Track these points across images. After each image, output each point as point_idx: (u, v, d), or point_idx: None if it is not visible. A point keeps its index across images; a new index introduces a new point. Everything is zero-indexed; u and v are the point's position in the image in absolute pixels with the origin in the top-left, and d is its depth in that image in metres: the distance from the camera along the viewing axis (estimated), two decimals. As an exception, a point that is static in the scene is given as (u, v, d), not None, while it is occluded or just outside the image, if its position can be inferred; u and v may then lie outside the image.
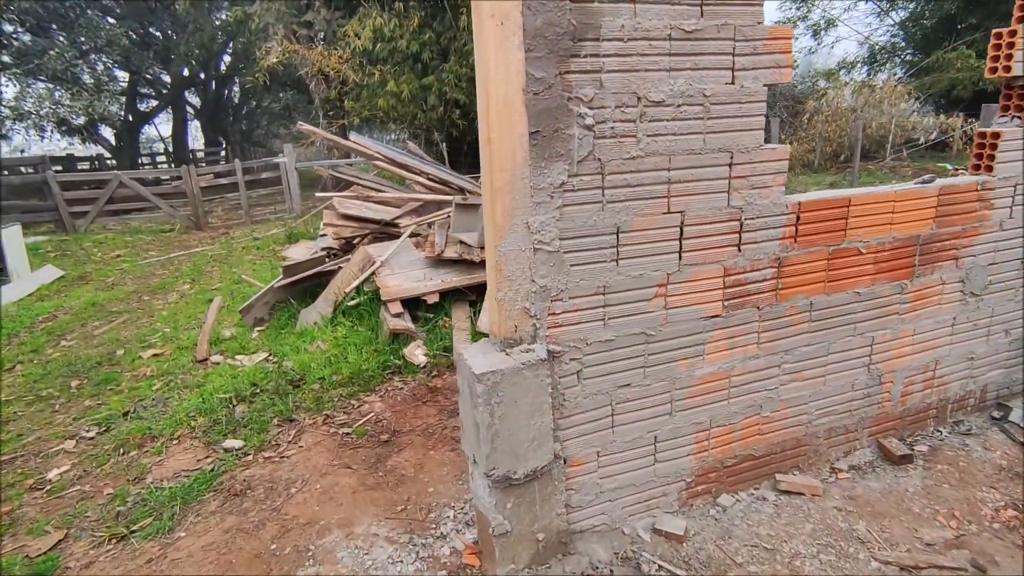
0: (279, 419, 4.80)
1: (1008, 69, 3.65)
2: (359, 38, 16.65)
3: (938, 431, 4.04)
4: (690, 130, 2.89)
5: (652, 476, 3.31)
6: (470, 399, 2.81)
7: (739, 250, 3.15)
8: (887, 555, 2.99)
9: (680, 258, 3.04)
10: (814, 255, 3.35)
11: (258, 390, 5.24)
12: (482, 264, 6.70)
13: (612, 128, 2.74)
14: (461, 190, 8.58)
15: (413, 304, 6.38)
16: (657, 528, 3.26)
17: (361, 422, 4.72)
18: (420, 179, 8.70)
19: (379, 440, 4.44)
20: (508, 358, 2.75)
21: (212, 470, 4.13)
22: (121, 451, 4.47)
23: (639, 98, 2.75)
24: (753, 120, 3.00)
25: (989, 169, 3.76)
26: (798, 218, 3.23)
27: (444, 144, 17.47)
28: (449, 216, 7.51)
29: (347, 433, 4.55)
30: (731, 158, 2.99)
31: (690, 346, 3.20)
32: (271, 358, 6.02)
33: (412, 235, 7.31)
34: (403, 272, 6.64)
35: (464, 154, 18.70)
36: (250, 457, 4.28)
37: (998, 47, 3.70)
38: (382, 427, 4.63)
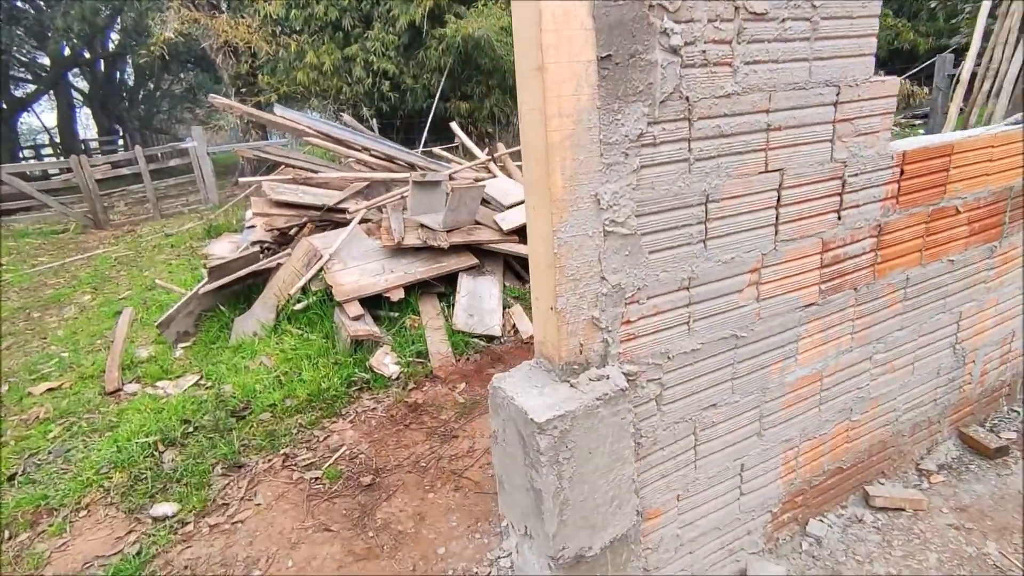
0: (224, 466, 3.76)
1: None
2: (269, 4, 14.91)
3: (1014, 411, 3.55)
4: (794, 55, 2.09)
5: (737, 513, 2.59)
6: (523, 455, 1.95)
7: (839, 218, 2.43)
8: (1039, 587, 2.41)
9: (776, 232, 2.27)
10: (914, 218, 2.68)
11: (191, 428, 4.15)
12: (451, 251, 5.77)
13: (703, 53, 1.90)
14: (412, 166, 7.53)
15: (373, 303, 5.39)
16: (751, 580, 2.55)
17: (332, 460, 3.75)
18: (362, 156, 7.58)
19: (360, 484, 3.50)
20: (575, 392, 1.90)
21: (139, 553, 3.08)
22: (6, 536, 3.32)
23: (736, 8, 1.92)
24: (865, 42, 2.24)
25: (1072, 105, 3.20)
26: (901, 172, 2.54)
27: (375, 120, 16.10)
28: (404, 197, 6.49)
29: (316, 478, 3.59)
30: (837, 94, 2.23)
31: (782, 346, 2.46)
32: (204, 382, 4.89)
33: (362, 221, 6.25)
34: (357, 265, 5.60)
35: (397, 130, 17.37)
36: (190, 527, 3.25)
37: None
38: (360, 465, 3.69)
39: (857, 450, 2.94)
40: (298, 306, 5.46)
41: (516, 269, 6.20)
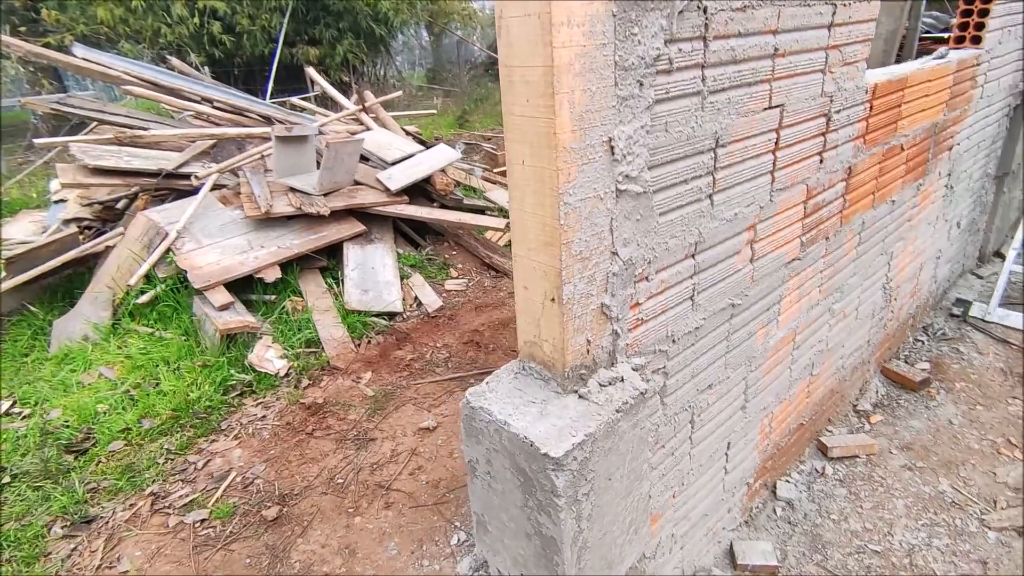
0: (65, 523, 2.85)
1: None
2: (47, -83, 11.99)
3: (919, 341, 3.73)
4: (802, -39, 1.72)
5: (721, 495, 2.35)
6: (522, 495, 1.47)
7: (821, 161, 2.17)
8: (998, 520, 2.47)
9: (772, 181, 1.95)
10: (873, 159, 2.52)
11: (7, 477, 3.13)
12: (331, 218, 4.95)
13: (721, -53, 1.45)
14: (268, 119, 6.39)
15: (242, 286, 4.48)
16: (741, 563, 2.34)
17: (219, 493, 3.00)
18: (203, 108, 6.27)
19: (263, 520, 2.82)
20: (588, 406, 1.45)
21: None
22: None
23: None
24: (859, -49, 1.92)
25: (976, 41, 3.25)
26: (871, 108, 2.33)
27: (207, 68, 13.87)
28: (264, 156, 5.47)
29: (202, 520, 2.83)
30: (833, 13, 1.91)
31: (768, 308, 2.20)
32: (19, 410, 3.75)
33: (214, 188, 5.15)
34: (215, 243, 4.61)
35: (234, 79, 15.17)
36: (26, 622, 2.39)
37: None
38: (259, 494, 2.99)
39: (814, 403, 2.85)
40: (142, 298, 4.38)
41: (408, 233, 5.53)
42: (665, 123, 1.47)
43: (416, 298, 4.81)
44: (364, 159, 5.72)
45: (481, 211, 5.94)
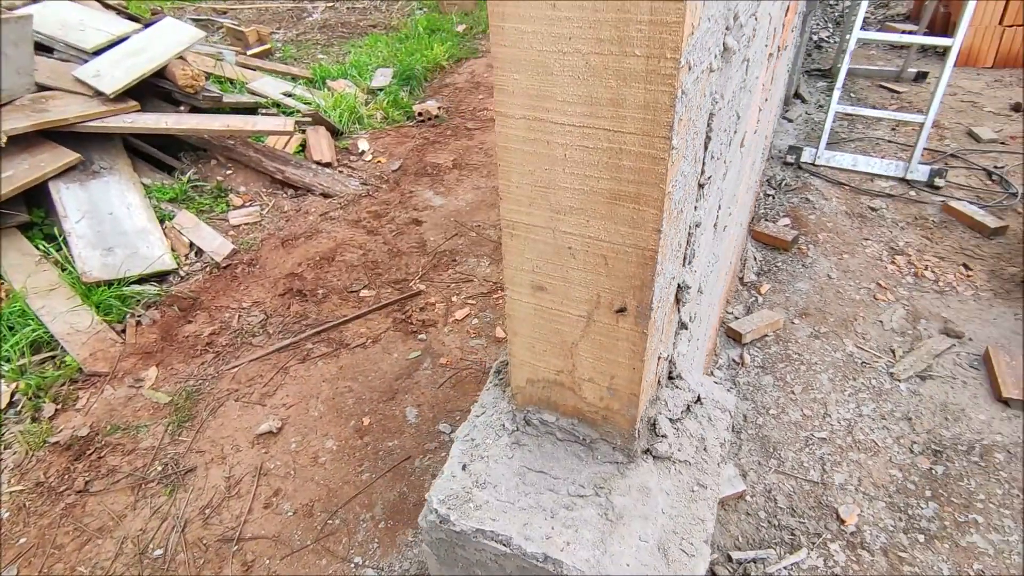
0: None
1: None
2: None
3: (768, 195, 3.69)
4: None
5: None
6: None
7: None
8: (904, 369, 2.49)
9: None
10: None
11: None
12: (17, 147, 3.24)
13: None
14: None
15: None
16: (712, 500, 2.03)
17: (-58, 642, 1.82)
18: None
19: (40, 662, 1.77)
20: (677, 474, 0.80)
21: None
22: None
23: None
24: None
25: None
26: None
27: None
28: None
29: None
30: None
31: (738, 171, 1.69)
32: None
33: None
34: None
35: None
36: None
37: None
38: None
39: (727, 286, 2.56)
40: None
41: (151, 155, 3.94)
42: None
43: (192, 245, 3.49)
44: (44, 49, 3.82)
45: (252, 110, 4.50)
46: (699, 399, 0.90)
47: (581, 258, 0.66)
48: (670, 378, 0.91)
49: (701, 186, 0.75)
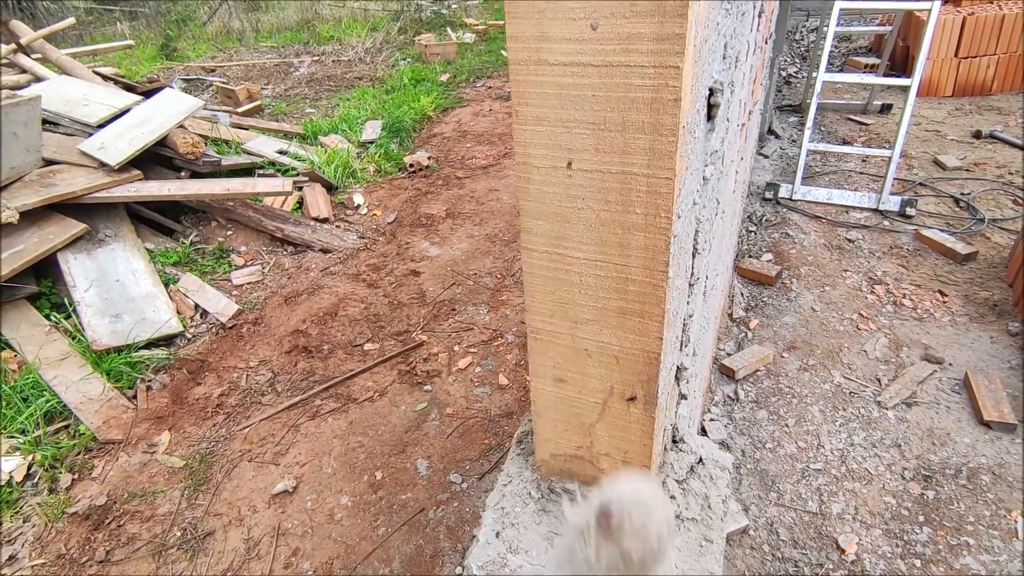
0: None
1: None
2: None
3: (750, 231, 3.87)
4: None
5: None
6: None
7: (758, 45, 1.77)
8: (890, 397, 2.62)
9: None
10: (757, 57, 2.22)
11: None
12: (27, 221, 3.35)
13: None
14: None
15: None
16: (718, 537, 2.12)
17: None
18: None
19: None
20: (687, 532, 0.89)
21: None
22: None
23: None
24: None
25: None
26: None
27: None
28: None
29: None
30: None
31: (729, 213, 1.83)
32: None
33: None
34: None
35: None
36: None
37: None
38: None
39: (714, 318, 2.69)
40: None
41: (152, 219, 4.06)
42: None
43: (197, 307, 3.59)
44: (50, 124, 3.96)
45: (249, 170, 4.65)
46: (701, 460, 1.02)
47: (596, 358, 0.78)
48: (674, 441, 1.02)
49: (691, 285, 0.88)
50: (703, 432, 2.54)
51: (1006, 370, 2.71)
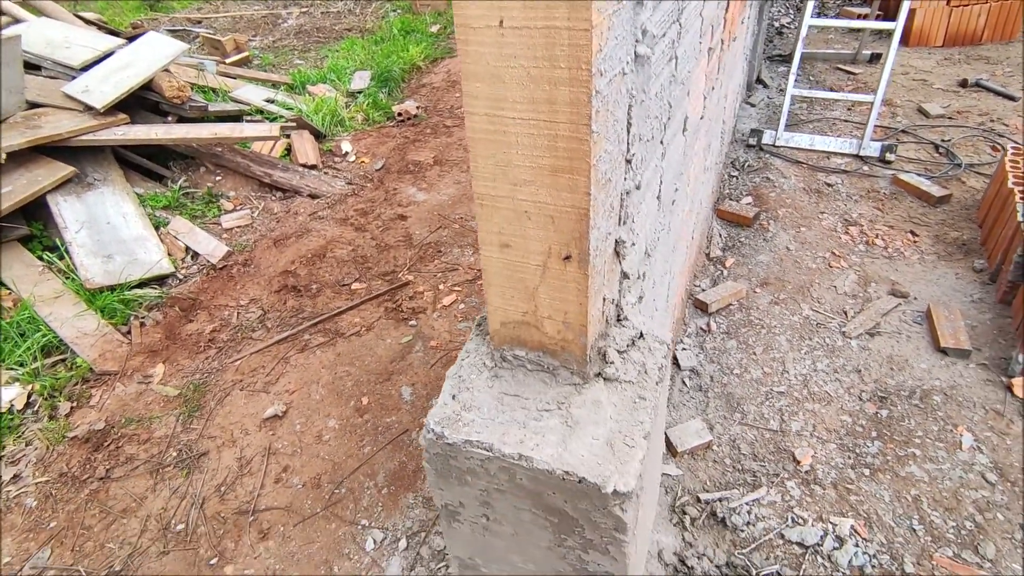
0: None
1: None
2: None
3: (732, 176, 3.92)
4: None
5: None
6: (552, 534, 1.01)
7: (716, -8, 1.80)
8: (855, 328, 2.73)
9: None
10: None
11: None
12: (13, 163, 3.38)
13: None
14: None
15: None
16: (682, 450, 2.26)
17: (-12, 616, 2.00)
18: None
19: (81, 627, 1.95)
20: (621, 391, 1.01)
21: None
22: None
23: None
24: None
25: None
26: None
27: None
28: None
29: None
30: None
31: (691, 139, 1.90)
32: None
33: None
34: None
35: None
36: None
37: None
38: (58, 592, 2.06)
39: (690, 259, 2.78)
40: None
41: (141, 165, 4.09)
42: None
43: (188, 249, 3.66)
44: (32, 67, 3.94)
45: (237, 117, 4.65)
46: (642, 335, 1.12)
47: (535, 219, 0.86)
48: (618, 319, 1.12)
49: (628, 161, 0.95)
50: (675, 363, 2.65)
51: (967, 303, 2.82)
